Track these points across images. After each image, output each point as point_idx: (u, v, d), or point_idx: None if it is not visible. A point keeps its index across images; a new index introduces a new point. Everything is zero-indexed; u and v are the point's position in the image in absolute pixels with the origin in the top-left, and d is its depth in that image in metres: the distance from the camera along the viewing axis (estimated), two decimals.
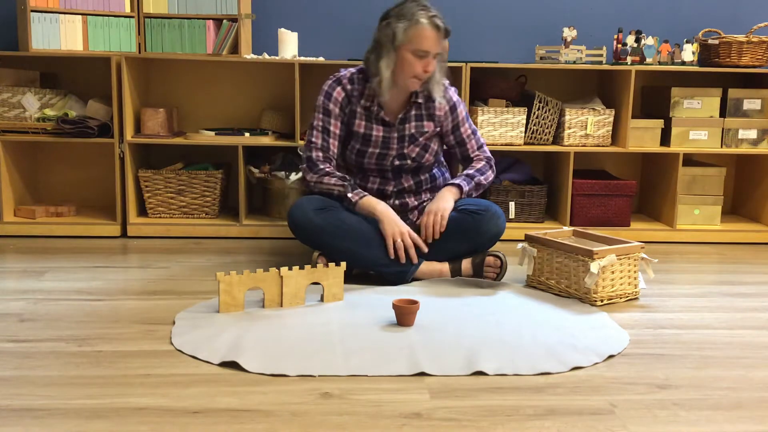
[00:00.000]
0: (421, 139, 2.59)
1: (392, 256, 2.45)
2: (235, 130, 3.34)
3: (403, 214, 2.64)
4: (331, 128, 2.54)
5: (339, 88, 2.54)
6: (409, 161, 2.60)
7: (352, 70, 2.59)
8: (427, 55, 2.42)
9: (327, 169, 2.51)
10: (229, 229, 3.25)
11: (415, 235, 2.46)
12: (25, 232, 3.18)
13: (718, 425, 1.52)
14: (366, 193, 2.50)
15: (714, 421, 1.54)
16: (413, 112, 2.58)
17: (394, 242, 2.44)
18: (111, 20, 3.25)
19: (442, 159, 2.79)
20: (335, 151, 2.55)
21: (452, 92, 2.62)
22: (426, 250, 2.48)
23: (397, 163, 2.60)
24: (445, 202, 2.51)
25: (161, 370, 1.74)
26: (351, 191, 2.49)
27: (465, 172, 2.62)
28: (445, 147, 2.71)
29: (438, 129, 2.62)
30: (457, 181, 2.58)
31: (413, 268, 2.49)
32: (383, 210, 2.46)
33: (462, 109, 2.64)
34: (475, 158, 2.66)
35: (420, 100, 2.57)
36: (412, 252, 2.45)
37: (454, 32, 3.43)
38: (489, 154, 2.68)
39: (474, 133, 2.67)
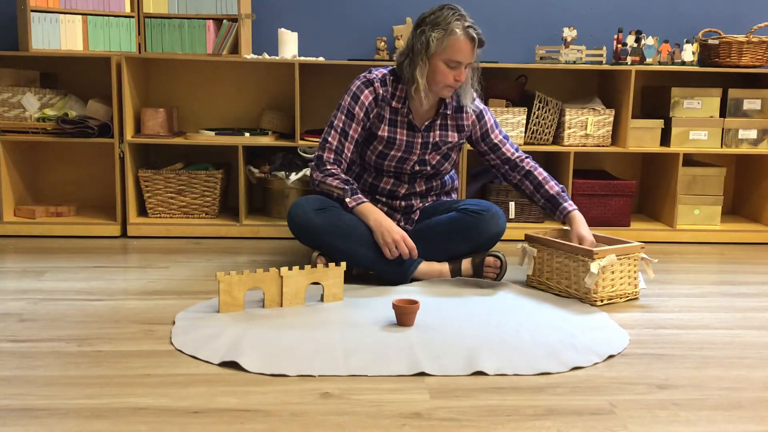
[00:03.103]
0: (443, 148, 2.59)
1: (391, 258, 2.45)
2: (235, 130, 3.34)
3: (406, 215, 2.65)
4: (350, 132, 2.50)
5: (367, 91, 2.50)
6: (428, 167, 2.60)
7: (384, 70, 2.55)
8: (459, 66, 2.41)
9: (332, 170, 2.49)
10: (229, 229, 3.25)
11: (410, 240, 2.44)
12: (25, 232, 3.18)
13: (718, 425, 1.52)
14: (364, 200, 2.48)
15: (714, 421, 1.54)
16: (439, 122, 2.57)
17: (391, 249, 2.42)
18: (111, 20, 3.25)
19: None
20: (348, 154, 2.52)
21: (477, 101, 2.62)
22: (416, 255, 2.46)
23: (417, 168, 2.59)
24: (588, 231, 2.47)
25: (161, 370, 1.74)
26: (350, 196, 2.47)
27: (551, 191, 2.56)
28: (479, 155, 2.70)
29: (462, 141, 2.62)
30: (573, 206, 2.53)
31: (413, 266, 2.49)
32: (375, 220, 2.43)
33: (490, 117, 2.63)
34: (517, 160, 2.62)
35: (448, 111, 2.56)
36: (414, 253, 2.45)
37: None
38: (527, 155, 2.66)
39: (507, 138, 2.65)
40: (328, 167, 2.49)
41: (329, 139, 2.50)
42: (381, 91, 2.51)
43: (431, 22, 2.40)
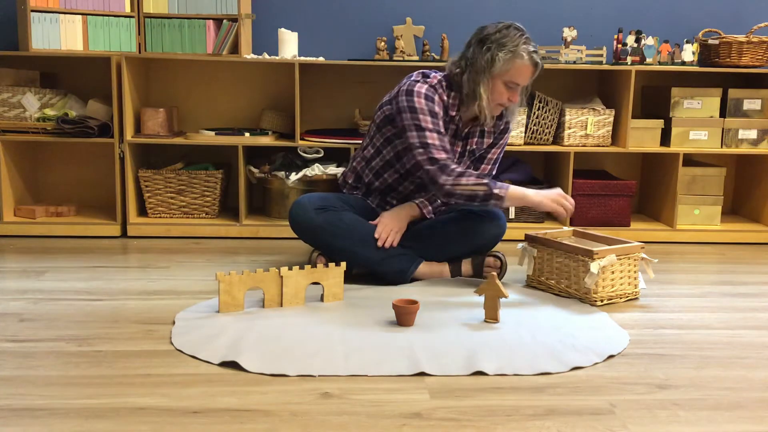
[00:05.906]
0: (477, 155, 2.58)
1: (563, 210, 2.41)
2: (235, 130, 3.34)
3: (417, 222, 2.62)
4: (441, 130, 2.40)
5: (437, 96, 2.41)
6: None
7: (437, 75, 2.47)
8: (517, 88, 2.39)
9: (459, 169, 2.34)
10: (229, 229, 3.25)
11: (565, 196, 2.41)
12: (25, 232, 3.18)
13: (718, 425, 1.52)
14: (506, 185, 2.37)
15: (714, 421, 1.54)
16: (478, 128, 2.54)
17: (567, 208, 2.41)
18: (111, 20, 3.25)
19: None
20: (450, 149, 2.43)
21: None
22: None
23: None
24: (400, 221, 2.51)
25: (161, 370, 1.74)
26: (496, 187, 2.33)
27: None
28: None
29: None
30: (424, 211, 2.55)
31: (413, 266, 2.49)
32: (536, 193, 2.39)
33: (506, 139, 2.61)
34: None
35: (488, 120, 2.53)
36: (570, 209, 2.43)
37: (453, 31, 3.44)
38: None
39: (495, 162, 2.62)
40: (451, 166, 2.34)
41: (428, 141, 2.34)
42: (445, 98, 2.45)
43: (497, 41, 2.35)
